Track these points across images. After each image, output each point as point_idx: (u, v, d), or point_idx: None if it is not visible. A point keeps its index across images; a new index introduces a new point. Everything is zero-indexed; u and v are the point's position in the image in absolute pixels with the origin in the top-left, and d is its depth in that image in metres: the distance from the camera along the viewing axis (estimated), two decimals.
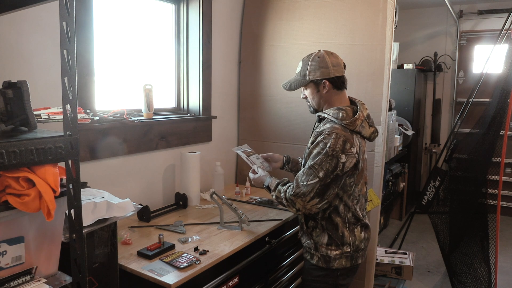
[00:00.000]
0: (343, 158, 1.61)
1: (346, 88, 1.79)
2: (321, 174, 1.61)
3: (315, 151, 1.65)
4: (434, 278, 3.35)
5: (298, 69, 1.80)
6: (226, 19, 2.77)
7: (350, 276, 1.81)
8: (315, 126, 1.84)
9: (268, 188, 1.85)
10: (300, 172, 1.68)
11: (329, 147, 1.61)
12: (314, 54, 1.76)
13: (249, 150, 2.11)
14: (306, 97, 1.83)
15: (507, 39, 3.22)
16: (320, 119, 1.80)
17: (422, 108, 5.09)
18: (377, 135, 1.83)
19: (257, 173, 1.93)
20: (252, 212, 2.19)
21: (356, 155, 1.66)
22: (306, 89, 1.81)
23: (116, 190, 1.83)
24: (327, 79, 1.72)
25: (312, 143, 1.69)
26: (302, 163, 1.80)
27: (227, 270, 1.72)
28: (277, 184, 1.78)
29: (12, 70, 1.62)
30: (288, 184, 1.74)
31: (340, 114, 1.69)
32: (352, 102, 1.82)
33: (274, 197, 1.79)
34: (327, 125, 1.69)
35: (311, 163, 1.64)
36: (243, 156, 2.06)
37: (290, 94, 2.12)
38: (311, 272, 1.80)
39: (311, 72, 1.74)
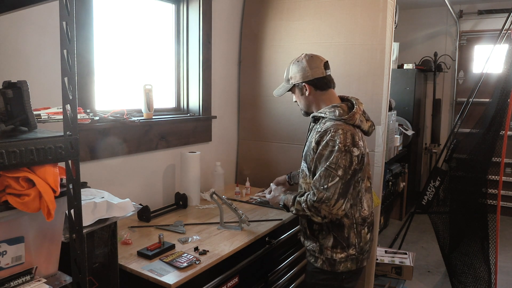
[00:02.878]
0: (356, 151, 1.61)
1: (333, 87, 1.79)
2: (340, 173, 1.57)
3: (326, 152, 1.61)
4: (434, 278, 3.35)
5: (284, 74, 1.86)
6: (226, 19, 2.77)
7: (355, 279, 1.78)
8: (310, 126, 1.85)
9: (284, 206, 1.78)
10: (316, 177, 1.62)
11: (340, 143, 1.59)
12: (295, 59, 1.81)
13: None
14: (296, 101, 1.87)
15: (507, 39, 3.22)
16: (315, 120, 1.79)
17: (422, 108, 5.10)
18: (374, 128, 1.82)
19: (271, 192, 1.93)
20: (252, 212, 2.19)
21: (363, 149, 1.66)
22: (293, 92, 1.85)
23: (116, 190, 1.83)
24: (306, 82, 1.75)
25: (317, 143, 1.66)
26: (305, 167, 1.77)
27: (227, 270, 1.72)
28: (295, 197, 1.72)
29: (12, 70, 1.62)
30: (307, 193, 1.67)
31: (337, 111, 1.69)
32: (344, 99, 1.81)
33: (294, 211, 1.71)
34: (328, 123, 1.67)
35: (327, 164, 1.59)
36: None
37: (290, 94, 2.12)
38: (315, 275, 1.78)
39: (292, 76, 1.79)
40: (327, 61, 1.78)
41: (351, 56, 2.44)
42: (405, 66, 4.59)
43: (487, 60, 3.46)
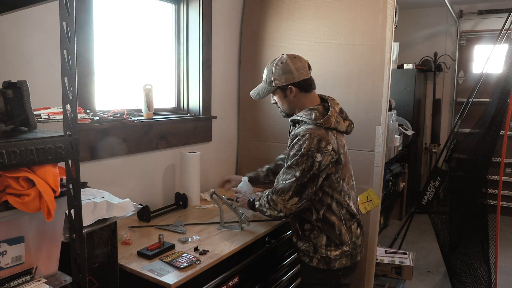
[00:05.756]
0: (319, 157, 1.63)
1: (314, 89, 1.80)
2: (298, 174, 1.64)
3: (291, 153, 1.68)
4: (434, 278, 3.35)
5: (264, 76, 1.82)
6: (226, 19, 2.77)
7: (351, 274, 1.82)
8: (290, 130, 1.86)
9: (253, 201, 1.86)
10: (281, 172, 1.72)
11: (304, 148, 1.63)
12: (277, 59, 1.78)
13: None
14: (276, 103, 1.86)
15: (507, 39, 3.22)
16: (295, 123, 1.81)
17: (422, 108, 5.10)
18: (353, 127, 1.83)
19: (240, 192, 1.99)
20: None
21: (333, 152, 1.67)
22: (274, 95, 1.83)
23: (116, 190, 1.83)
24: (292, 84, 1.74)
25: (289, 146, 1.72)
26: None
27: (227, 270, 1.72)
28: (261, 194, 1.81)
29: (12, 70, 1.62)
30: (269, 191, 1.77)
31: (313, 114, 1.71)
32: (323, 99, 1.83)
33: (257, 205, 1.81)
34: (302, 127, 1.71)
35: (289, 163, 1.68)
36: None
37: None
38: (312, 275, 1.80)
39: (276, 79, 1.76)
40: (308, 62, 1.79)
41: (351, 56, 2.44)
42: (405, 66, 4.59)
43: (487, 60, 3.46)
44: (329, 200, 1.72)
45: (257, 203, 1.82)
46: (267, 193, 1.76)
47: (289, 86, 1.75)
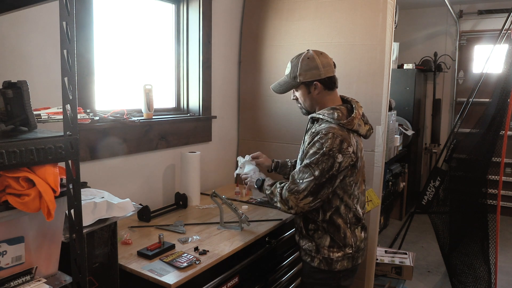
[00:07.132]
0: (340, 157, 1.60)
1: (337, 87, 1.77)
2: (316, 173, 1.60)
3: (311, 151, 1.63)
4: (434, 278, 3.36)
5: (287, 70, 1.78)
6: (226, 19, 2.77)
7: (351, 276, 1.80)
8: (307, 127, 1.83)
9: (263, 181, 1.82)
10: (296, 169, 1.68)
11: (326, 147, 1.59)
12: (303, 54, 1.73)
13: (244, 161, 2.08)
14: (297, 99, 1.82)
15: (507, 39, 3.22)
16: (314, 121, 1.78)
17: (422, 108, 5.10)
18: (372, 132, 1.82)
19: (248, 174, 1.94)
20: (252, 212, 2.19)
21: (353, 155, 1.65)
22: (297, 91, 1.79)
23: (116, 190, 1.83)
24: (318, 80, 1.71)
25: (308, 143, 1.67)
26: (298, 164, 1.79)
27: (227, 270, 1.72)
28: (275, 182, 1.78)
29: (12, 70, 1.62)
30: (285, 182, 1.72)
31: (336, 114, 1.67)
32: (344, 100, 1.80)
33: (268, 192, 1.76)
34: (324, 125, 1.67)
35: (308, 161, 1.63)
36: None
37: (289, 94, 2.12)
38: (312, 275, 1.79)
39: (301, 74, 1.71)
40: (334, 61, 1.76)
41: (351, 56, 2.44)
42: (405, 66, 4.59)
43: (487, 60, 3.46)
44: (338, 203, 1.70)
45: (267, 188, 1.77)
46: (282, 185, 1.71)
47: (314, 82, 1.71)
